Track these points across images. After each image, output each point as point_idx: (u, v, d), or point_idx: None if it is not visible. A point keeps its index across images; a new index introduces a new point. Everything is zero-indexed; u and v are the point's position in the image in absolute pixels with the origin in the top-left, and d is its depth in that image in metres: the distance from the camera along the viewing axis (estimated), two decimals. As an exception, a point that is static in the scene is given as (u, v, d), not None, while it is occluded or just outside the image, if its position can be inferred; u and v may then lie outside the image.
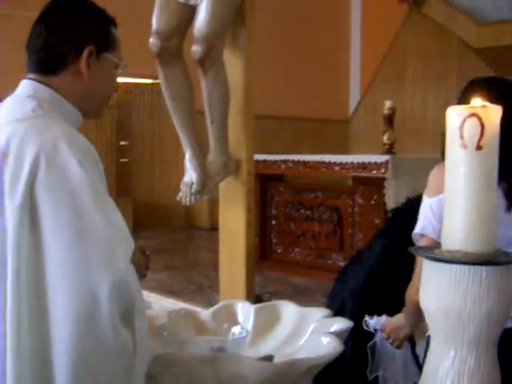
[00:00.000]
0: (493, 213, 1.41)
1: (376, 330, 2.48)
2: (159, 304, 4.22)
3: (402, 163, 4.56)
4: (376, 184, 4.52)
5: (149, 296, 4.38)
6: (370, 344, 2.51)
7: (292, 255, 5.50)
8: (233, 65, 3.43)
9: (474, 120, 1.35)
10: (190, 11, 3.26)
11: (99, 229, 1.49)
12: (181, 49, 3.40)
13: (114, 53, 1.80)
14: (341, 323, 2.13)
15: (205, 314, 2.46)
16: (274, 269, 5.38)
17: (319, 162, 5.05)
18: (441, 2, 8.93)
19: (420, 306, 1.50)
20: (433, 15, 9.08)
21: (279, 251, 5.60)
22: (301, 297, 4.49)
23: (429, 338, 1.54)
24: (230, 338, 2.21)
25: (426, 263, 1.49)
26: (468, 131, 1.37)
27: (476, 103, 1.37)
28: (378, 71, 9.97)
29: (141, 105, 9.23)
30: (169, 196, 6.16)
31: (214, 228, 4.31)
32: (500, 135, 1.37)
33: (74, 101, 1.73)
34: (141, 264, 1.77)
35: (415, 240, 2.13)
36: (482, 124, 1.35)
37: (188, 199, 3.50)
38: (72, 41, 1.70)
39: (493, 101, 1.40)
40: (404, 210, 3.01)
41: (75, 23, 1.72)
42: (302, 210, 5.40)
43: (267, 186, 5.68)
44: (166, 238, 7.82)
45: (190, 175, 3.46)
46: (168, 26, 3.32)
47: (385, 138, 4.74)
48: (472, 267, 1.39)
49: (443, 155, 1.46)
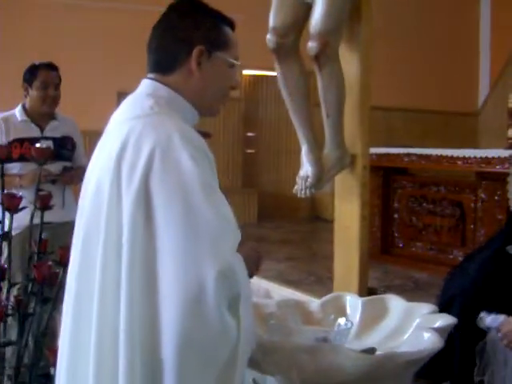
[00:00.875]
0: None
1: (489, 329, 2.33)
2: (277, 293, 4.30)
3: (527, 158, 4.40)
4: (499, 179, 4.38)
5: (268, 285, 4.49)
6: (481, 344, 2.43)
7: (413, 249, 5.43)
8: (349, 60, 3.44)
9: None
10: (306, 8, 3.30)
11: (208, 221, 1.57)
12: (297, 45, 3.44)
13: (228, 52, 1.84)
14: (445, 319, 2.13)
15: (313, 305, 2.53)
16: (395, 263, 5.33)
17: (442, 156, 4.96)
18: None
19: None
20: None
21: (401, 245, 5.55)
22: (420, 292, 4.44)
23: None
24: (335, 329, 2.26)
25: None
26: None
27: None
28: (509, 62, 9.56)
29: (267, 96, 9.35)
30: (293, 187, 6.25)
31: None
32: None
33: (189, 99, 1.80)
34: (251, 260, 1.80)
35: None
36: None
37: (303, 192, 3.56)
38: (183, 41, 1.78)
39: None
40: None
41: (187, 24, 1.80)
42: (425, 204, 5.33)
43: (390, 180, 5.64)
44: (290, 229, 7.90)
45: (306, 169, 3.51)
46: (284, 23, 3.37)
47: (510, 133, 4.60)
48: None
49: None
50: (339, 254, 3.66)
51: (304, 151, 3.56)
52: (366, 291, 3.39)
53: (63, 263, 2.54)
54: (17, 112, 3.90)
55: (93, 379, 1.61)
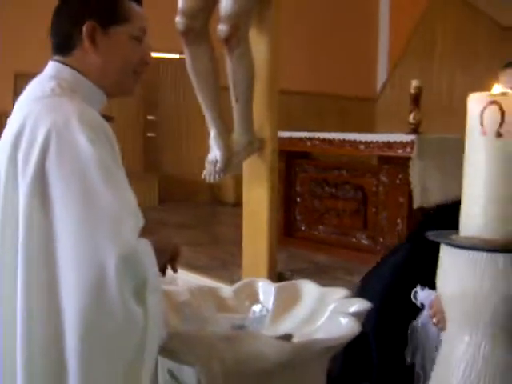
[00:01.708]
0: None
1: (423, 305, 2.15)
2: (182, 279, 4.24)
3: (428, 143, 4.50)
4: (401, 163, 4.48)
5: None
6: (414, 323, 2.33)
7: (316, 233, 5.48)
8: (258, 44, 3.42)
9: (494, 107, 1.36)
10: (216, -10, 3.27)
11: (107, 203, 1.51)
12: (206, 28, 3.39)
13: (129, 25, 1.75)
14: (360, 304, 2.13)
15: (226, 292, 2.48)
16: (299, 246, 5.36)
17: (344, 140, 5.01)
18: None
19: None
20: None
21: (303, 228, 5.60)
22: (322, 275, 4.49)
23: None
24: (251, 316, 2.23)
25: (444, 249, 1.50)
26: (488, 118, 1.37)
27: (496, 90, 1.38)
28: (407, 49, 9.82)
29: (168, 80, 9.21)
30: (194, 171, 6.18)
31: (239, 204, 4.31)
32: None
33: (93, 78, 1.73)
34: (165, 250, 1.77)
35: None
36: (503, 111, 1.36)
37: (212, 177, 3.53)
38: (74, 18, 1.71)
39: None
40: (434, 220, 2.83)
41: (74, 1, 1.74)
42: (327, 188, 5.38)
43: (292, 163, 5.66)
44: (191, 213, 7.85)
45: (215, 153, 3.48)
46: (193, 5, 3.31)
47: (411, 118, 4.70)
48: (489, 254, 1.40)
49: None
50: (247, 239, 3.65)
51: (212, 135, 3.51)
52: (276, 276, 3.40)
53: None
54: None
55: None
